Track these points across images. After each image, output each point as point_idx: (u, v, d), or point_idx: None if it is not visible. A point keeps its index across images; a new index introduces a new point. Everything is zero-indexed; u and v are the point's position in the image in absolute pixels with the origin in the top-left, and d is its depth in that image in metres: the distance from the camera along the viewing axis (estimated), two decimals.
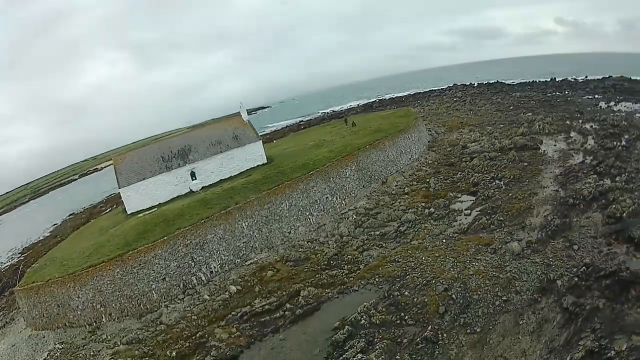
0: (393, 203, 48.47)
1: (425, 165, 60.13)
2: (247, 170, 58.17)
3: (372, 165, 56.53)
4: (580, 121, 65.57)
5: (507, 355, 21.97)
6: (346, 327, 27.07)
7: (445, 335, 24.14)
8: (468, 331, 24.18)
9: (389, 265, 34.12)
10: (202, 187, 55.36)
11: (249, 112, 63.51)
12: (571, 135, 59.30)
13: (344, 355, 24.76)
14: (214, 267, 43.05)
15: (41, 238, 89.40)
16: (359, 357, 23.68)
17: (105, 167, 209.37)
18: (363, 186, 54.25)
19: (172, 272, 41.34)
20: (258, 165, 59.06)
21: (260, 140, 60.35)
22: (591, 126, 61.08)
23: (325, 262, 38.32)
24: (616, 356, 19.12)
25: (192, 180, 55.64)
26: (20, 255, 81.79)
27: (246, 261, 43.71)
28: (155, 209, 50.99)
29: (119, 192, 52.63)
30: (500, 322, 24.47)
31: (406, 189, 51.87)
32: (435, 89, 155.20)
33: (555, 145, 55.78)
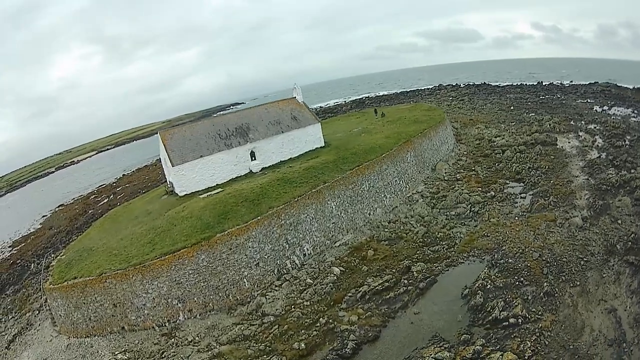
0: (453, 187, 47.64)
1: (462, 155, 59.36)
2: (306, 152, 50.88)
3: (423, 152, 54.14)
4: (583, 122, 67.73)
5: (605, 298, 26.23)
6: (478, 292, 27.64)
7: (557, 289, 27.21)
8: (571, 285, 27.66)
9: (481, 239, 34.68)
10: (262, 169, 47.43)
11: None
12: (580, 134, 61.30)
13: (492, 315, 25.61)
14: (307, 250, 36.94)
15: (32, 230, 78.02)
16: (504, 314, 25.24)
17: (82, 159, 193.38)
18: (419, 172, 51.71)
19: (266, 257, 34.23)
20: (317, 148, 51.92)
21: (320, 123, 52.90)
22: (595, 127, 63.66)
23: (421, 240, 36.85)
24: None
25: (252, 160, 47.12)
26: (11, 248, 69.60)
27: (335, 242, 38.75)
28: (220, 189, 42.27)
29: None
30: (590, 277, 28.43)
31: (457, 175, 51.26)
32: (422, 88, 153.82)
33: (569, 143, 57.84)
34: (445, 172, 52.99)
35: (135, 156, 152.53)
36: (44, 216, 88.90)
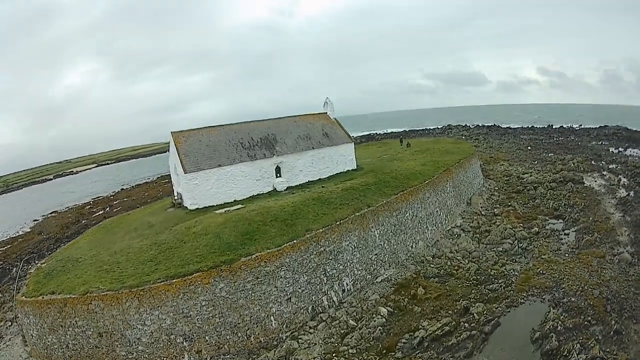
0: (493, 222, 43.16)
1: (494, 190, 55.53)
2: (337, 174, 43.63)
3: (460, 184, 48.31)
4: (604, 162, 66.31)
5: None
6: (551, 334, 24.47)
7: (623, 326, 24.77)
8: (634, 321, 25.27)
9: (537, 277, 31.56)
10: (288, 188, 39.83)
11: None
12: (603, 173, 59.67)
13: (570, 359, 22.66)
14: (347, 285, 29.32)
15: (20, 233, 71.61)
16: (582, 357, 22.48)
17: (81, 170, 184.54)
18: (456, 204, 45.61)
19: (300, 290, 26.59)
20: (348, 171, 44.78)
21: (353, 143, 45.80)
22: (616, 167, 62.62)
23: (474, 278, 32.07)
24: None
25: (277, 177, 39.81)
26: None
27: (377, 278, 31.46)
28: (240, 205, 34.76)
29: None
30: None
31: (495, 210, 46.91)
32: (432, 127, 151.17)
33: (595, 181, 56.03)
34: (481, 207, 48.14)
35: (135, 172, 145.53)
36: (35, 220, 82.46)
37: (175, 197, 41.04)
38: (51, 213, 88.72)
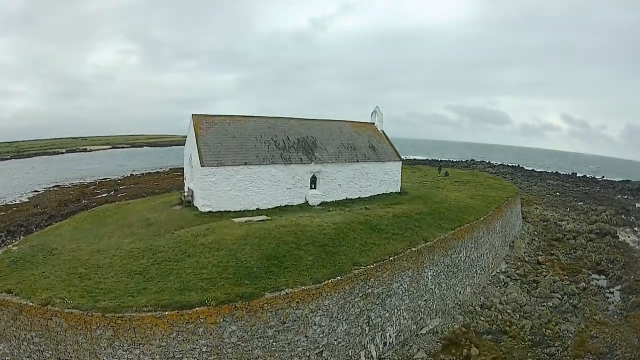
0: (538, 271, 38.83)
1: (534, 235, 50.98)
2: (379, 195, 36.31)
3: (507, 224, 42.02)
4: (633, 217, 65.08)
5: None
6: None
7: None
8: None
9: (591, 341, 28.29)
10: (322, 203, 32.36)
11: None
12: (635, 229, 57.85)
13: None
14: (389, 336, 22.14)
15: (17, 202, 66.93)
16: None
17: (95, 149, 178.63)
18: (501, 247, 39.11)
19: (336, 342, 19.23)
20: (391, 193, 37.26)
21: (401, 162, 38.40)
22: None
23: (529, 338, 27.48)
24: None
25: (311, 188, 32.48)
26: None
27: (421, 328, 24.71)
28: (265, 216, 27.30)
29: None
30: None
31: (539, 258, 42.57)
32: (455, 160, 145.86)
33: (629, 237, 53.83)
34: (524, 252, 43.48)
35: (148, 159, 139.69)
36: (35, 191, 77.09)
37: (186, 193, 33.73)
38: (54, 187, 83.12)
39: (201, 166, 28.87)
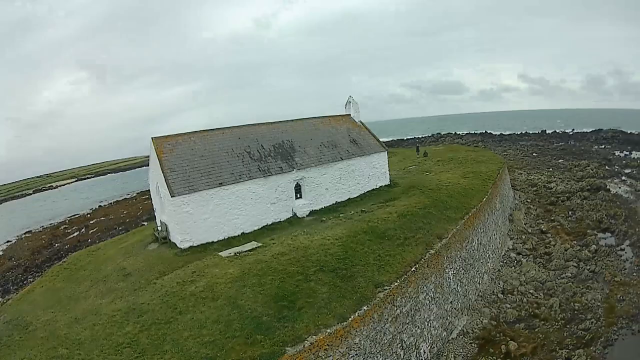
0: (546, 241, 37.00)
1: (528, 203, 49.12)
2: (369, 192, 33.33)
3: (503, 198, 40.28)
4: (617, 167, 63.92)
5: None
6: None
7: None
8: None
9: (619, 305, 26.31)
10: (311, 212, 29.10)
11: None
12: (623, 179, 56.97)
13: None
14: (424, 352, 19.31)
15: None
16: None
17: (61, 185, 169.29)
18: (503, 223, 37.07)
19: None
20: (382, 187, 34.39)
21: (386, 152, 35.48)
22: (632, 171, 59.74)
23: (561, 316, 25.62)
24: None
25: (296, 198, 29.16)
26: None
27: (451, 333, 22.02)
28: (254, 242, 23.89)
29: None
30: None
31: (541, 227, 40.69)
32: (421, 136, 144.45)
33: (620, 188, 52.88)
34: (525, 224, 41.43)
35: (114, 187, 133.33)
36: (8, 242, 72.66)
37: (159, 228, 29.69)
38: (25, 233, 78.24)
39: (171, 197, 24.93)
